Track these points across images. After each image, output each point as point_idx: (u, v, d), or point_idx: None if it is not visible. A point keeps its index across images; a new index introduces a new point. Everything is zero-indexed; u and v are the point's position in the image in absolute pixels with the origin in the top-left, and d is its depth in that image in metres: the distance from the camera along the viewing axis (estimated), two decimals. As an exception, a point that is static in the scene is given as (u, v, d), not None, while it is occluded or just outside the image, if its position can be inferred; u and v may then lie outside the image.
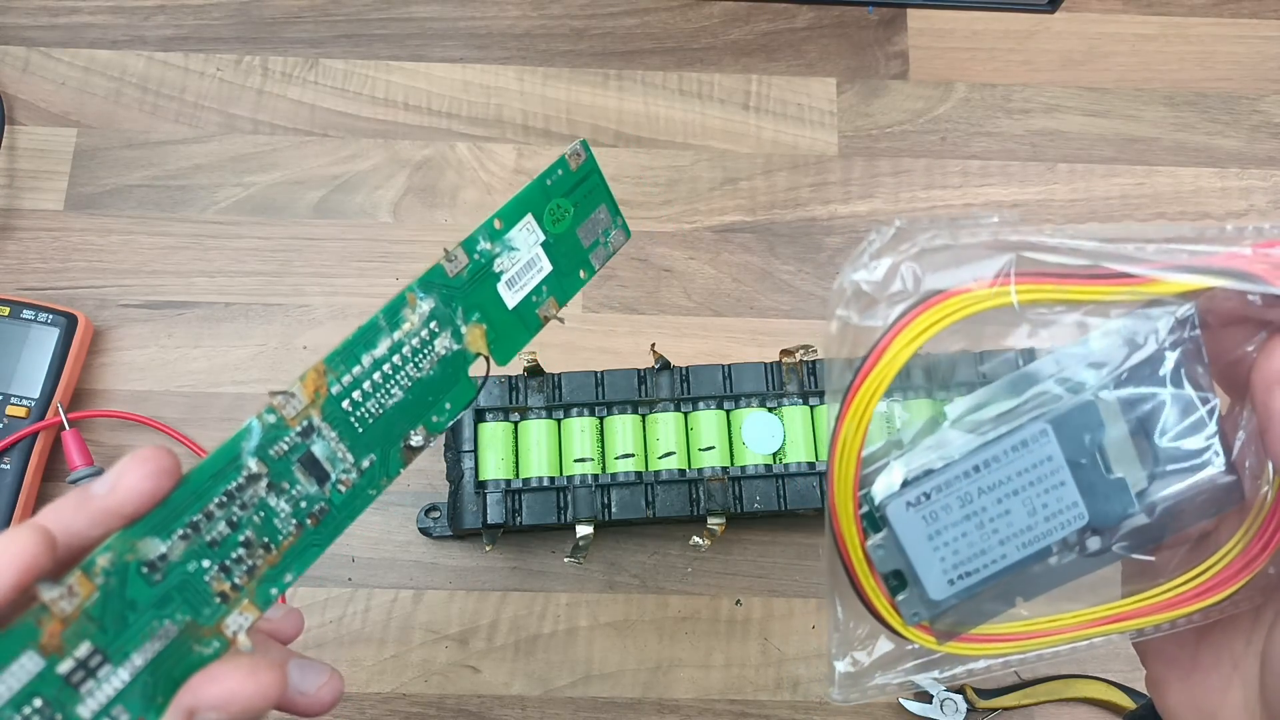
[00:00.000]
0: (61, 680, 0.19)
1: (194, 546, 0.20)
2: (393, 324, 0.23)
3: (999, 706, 0.45)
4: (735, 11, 0.56)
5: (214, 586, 0.21)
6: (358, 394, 0.23)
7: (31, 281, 0.50)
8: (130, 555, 0.20)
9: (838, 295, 0.22)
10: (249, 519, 0.21)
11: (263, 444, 0.21)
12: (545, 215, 0.27)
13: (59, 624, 0.19)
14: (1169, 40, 0.56)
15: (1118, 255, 0.21)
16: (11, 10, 0.54)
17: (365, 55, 0.54)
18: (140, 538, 0.20)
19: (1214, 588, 0.22)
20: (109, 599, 0.19)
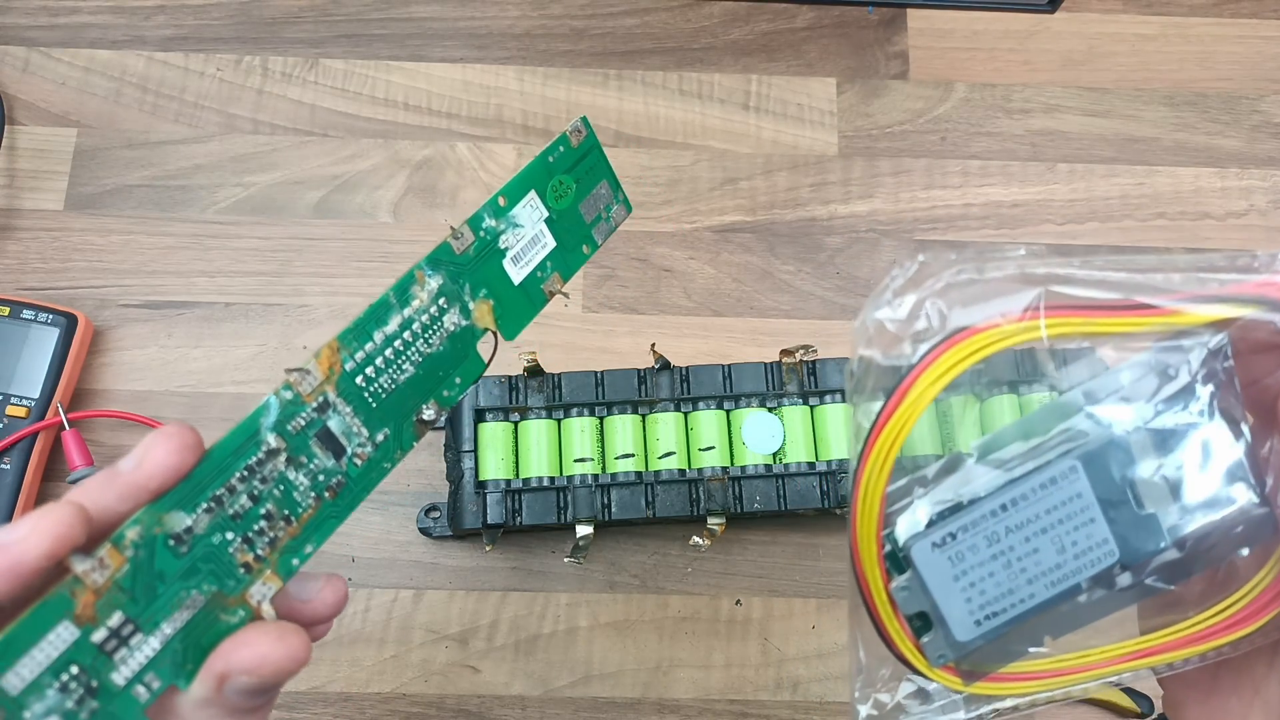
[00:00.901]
0: (96, 648, 0.20)
1: (218, 519, 0.21)
2: (403, 301, 0.24)
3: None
4: (735, 11, 0.56)
5: (238, 558, 0.21)
6: (371, 370, 0.23)
7: (31, 281, 0.50)
8: (158, 528, 0.20)
9: (861, 333, 0.22)
10: (269, 492, 0.22)
11: (281, 419, 0.22)
12: (548, 192, 0.28)
13: (92, 595, 0.19)
14: (1169, 40, 0.56)
15: (1146, 286, 0.21)
16: (11, 10, 0.54)
17: (365, 55, 0.54)
18: (167, 511, 0.20)
19: (1243, 620, 0.22)
20: (138, 571, 0.20)
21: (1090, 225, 0.53)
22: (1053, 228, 0.53)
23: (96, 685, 0.20)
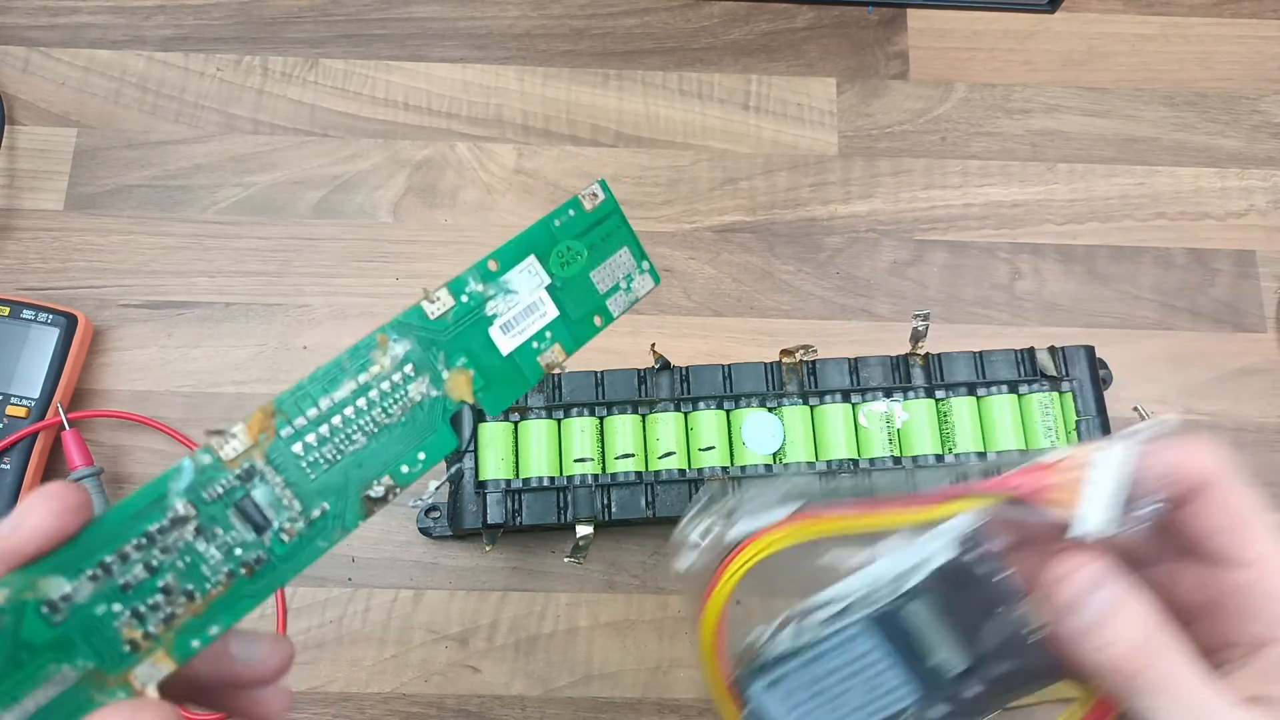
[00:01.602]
0: None
1: (104, 589, 0.19)
2: (359, 366, 0.22)
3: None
4: (735, 11, 0.56)
5: (124, 633, 0.19)
6: (312, 438, 0.21)
7: (31, 281, 0.50)
8: (30, 593, 0.18)
9: (676, 545, 0.27)
10: (171, 564, 0.20)
11: (194, 485, 0.20)
12: (552, 257, 0.26)
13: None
14: (1169, 40, 0.56)
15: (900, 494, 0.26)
16: (11, 10, 0.54)
17: (365, 55, 0.54)
18: (43, 575, 0.19)
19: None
20: (2, 637, 0.18)
21: (1090, 225, 0.53)
22: (1053, 228, 0.53)
23: None
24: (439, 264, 0.51)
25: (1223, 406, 0.50)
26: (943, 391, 0.46)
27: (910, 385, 0.45)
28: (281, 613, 0.46)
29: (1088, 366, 0.46)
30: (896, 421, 0.45)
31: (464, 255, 0.51)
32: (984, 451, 0.45)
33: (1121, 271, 0.52)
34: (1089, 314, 0.51)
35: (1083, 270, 0.52)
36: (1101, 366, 0.47)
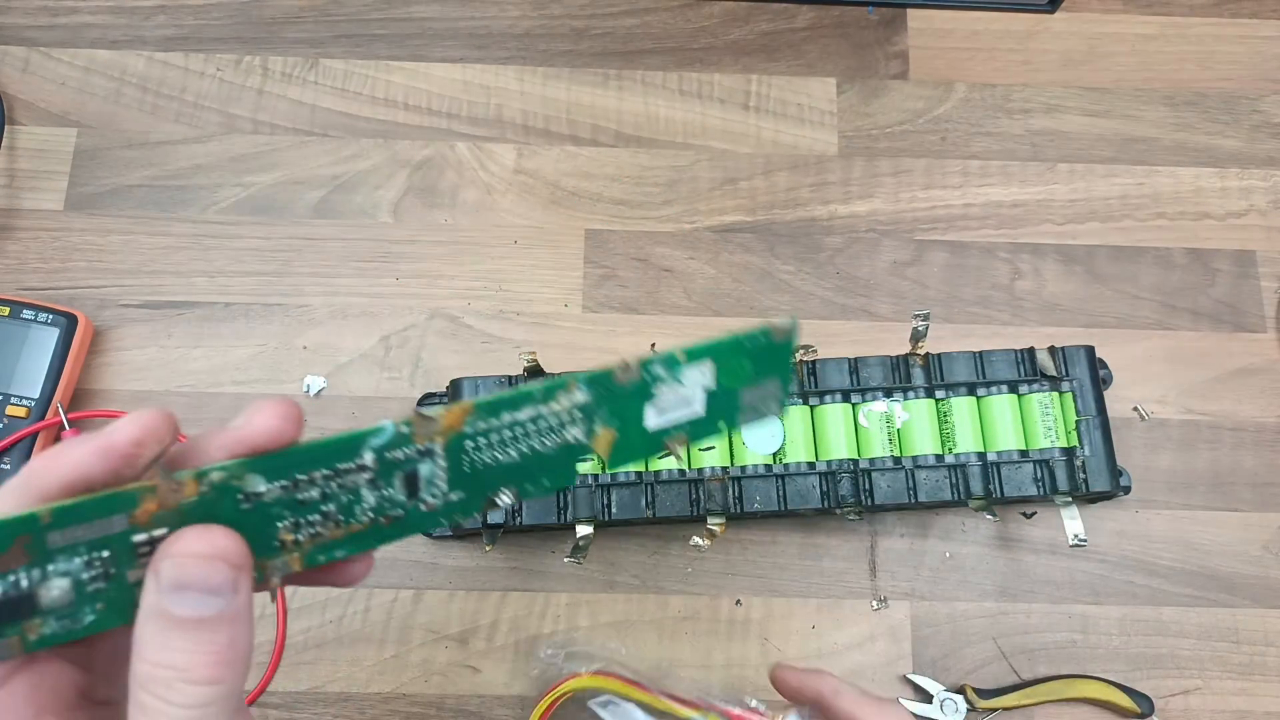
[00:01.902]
0: (132, 547, 0.21)
1: (285, 498, 0.23)
2: (545, 399, 0.25)
3: (999, 706, 0.45)
4: (735, 11, 0.56)
5: (281, 535, 0.23)
6: (482, 440, 0.24)
7: (31, 281, 0.50)
8: (236, 481, 0.22)
9: (534, 652, 0.46)
10: (338, 496, 0.23)
11: (385, 446, 0.23)
12: (724, 369, 0.28)
13: (154, 505, 0.21)
14: (1169, 40, 0.56)
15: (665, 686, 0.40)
16: (11, 10, 0.54)
17: (365, 55, 0.54)
18: (251, 472, 0.22)
19: None
20: (203, 506, 0.22)
21: (1090, 225, 0.53)
22: (1053, 228, 0.53)
23: (113, 574, 0.21)
24: (439, 264, 0.51)
25: (1223, 406, 0.50)
26: (943, 391, 0.46)
27: (910, 385, 0.45)
28: (281, 612, 0.46)
29: (1088, 366, 0.46)
30: (896, 421, 0.45)
31: (464, 255, 0.51)
32: (984, 451, 0.45)
33: (1121, 271, 0.52)
34: (1089, 314, 0.51)
35: (1083, 270, 0.52)
36: (1101, 366, 0.47)
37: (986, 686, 0.46)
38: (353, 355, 0.50)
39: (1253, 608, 0.47)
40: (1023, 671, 0.46)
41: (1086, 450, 0.45)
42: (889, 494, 0.44)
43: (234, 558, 0.21)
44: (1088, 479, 0.44)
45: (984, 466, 0.45)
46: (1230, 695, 0.46)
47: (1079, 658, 0.46)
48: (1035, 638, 0.47)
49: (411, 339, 0.50)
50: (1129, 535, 0.48)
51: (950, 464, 0.44)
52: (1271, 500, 0.49)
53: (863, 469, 0.44)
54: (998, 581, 0.47)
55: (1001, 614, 0.47)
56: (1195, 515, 0.48)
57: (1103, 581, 0.47)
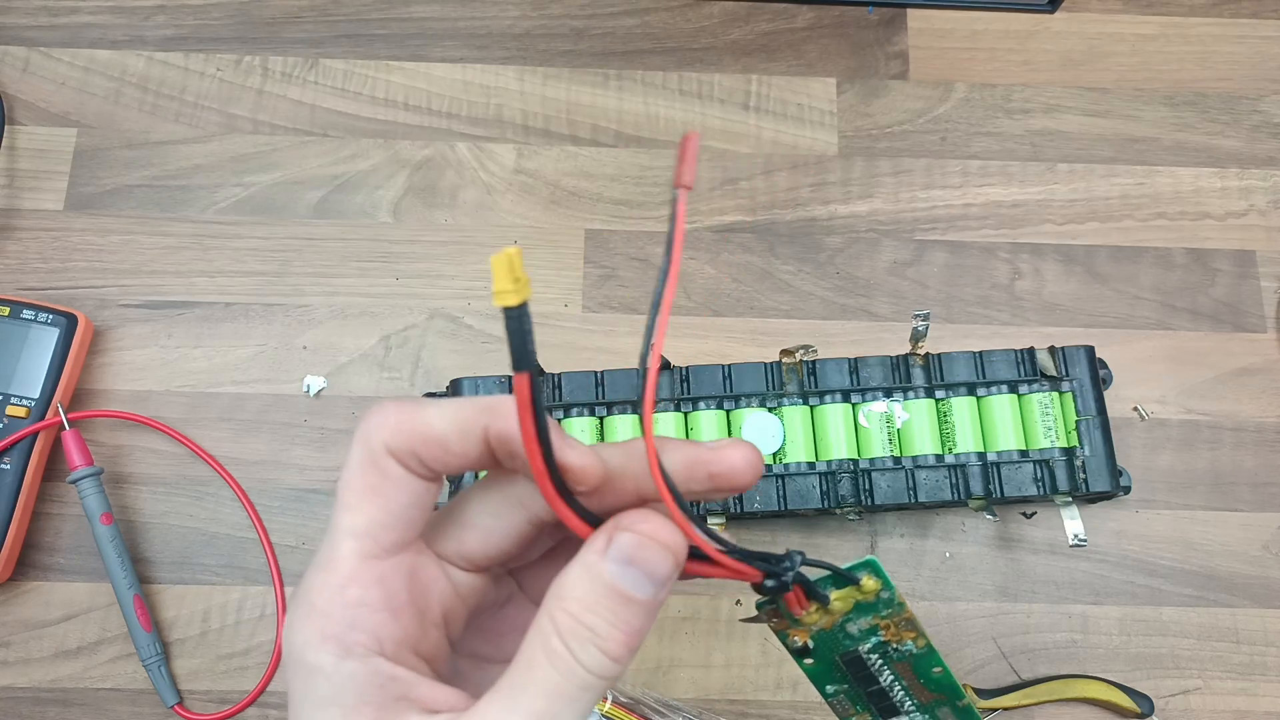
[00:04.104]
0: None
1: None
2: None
3: (999, 706, 0.45)
4: (735, 11, 0.56)
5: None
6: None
7: (31, 281, 0.50)
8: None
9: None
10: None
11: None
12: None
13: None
14: (1169, 40, 0.56)
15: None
16: (11, 10, 0.54)
17: (365, 55, 0.54)
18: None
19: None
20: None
21: (1090, 225, 0.53)
22: (1053, 228, 0.53)
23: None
24: (439, 264, 0.51)
25: (1223, 406, 0.50)
26: (943, 391, 0.46)
27: (910, 385, 0.45)
28: (281, 613, 0.46)
29: (1088, 366, 0.46)
30: (896, 421, 0.45)
31: (464, 255, 0.51)
32: (984, 451, 0.45)
33: (1121, 271, 0.52)
34: (1089, 314, 0.51)
35: (1083, 270, 0.52)
36: (1101, 366, 0.47)
37: (986, 686, 0.46)
38: (353, 355, 0.50)
39: (1253, 608, 0.47)
40: (1023, 671, 0.46)
41: (1086, 450, 0.45)
42: (889, 494, 0.44)
43: (681, 555, 0.21)
44: (1088, 479, 0.44)
45: (984, 466, 0.45)
46: (1230, 695, 0.46)
47: (1079, 658, 0.46)
48: (1035, 638, 0.47)
49: (411, 339, 0.50)
50: (1129, 535, 0.48)
51: (950, 464, 0.44)
52: (1271, 500, 0.49)
53: (863, 469, 0.44)
54: (998, 581, 0.47)
55: (1001, 614, 0.47)
56: (1195, 515, 0.48)
57: (1103, 581, 0.47)
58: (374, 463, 0.21)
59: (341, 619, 0.20)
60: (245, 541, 0.47)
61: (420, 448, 0.21)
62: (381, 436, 0.21)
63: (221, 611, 0.46)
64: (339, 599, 0.21)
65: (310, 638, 0.20)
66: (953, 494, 0.44)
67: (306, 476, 0.48)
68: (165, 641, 0.46)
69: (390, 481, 0.21)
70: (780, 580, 0.22)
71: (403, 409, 0.21)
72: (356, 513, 0.21)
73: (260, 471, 0.48)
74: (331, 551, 0.21)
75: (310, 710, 0.21)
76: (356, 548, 0.21)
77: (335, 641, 0.20)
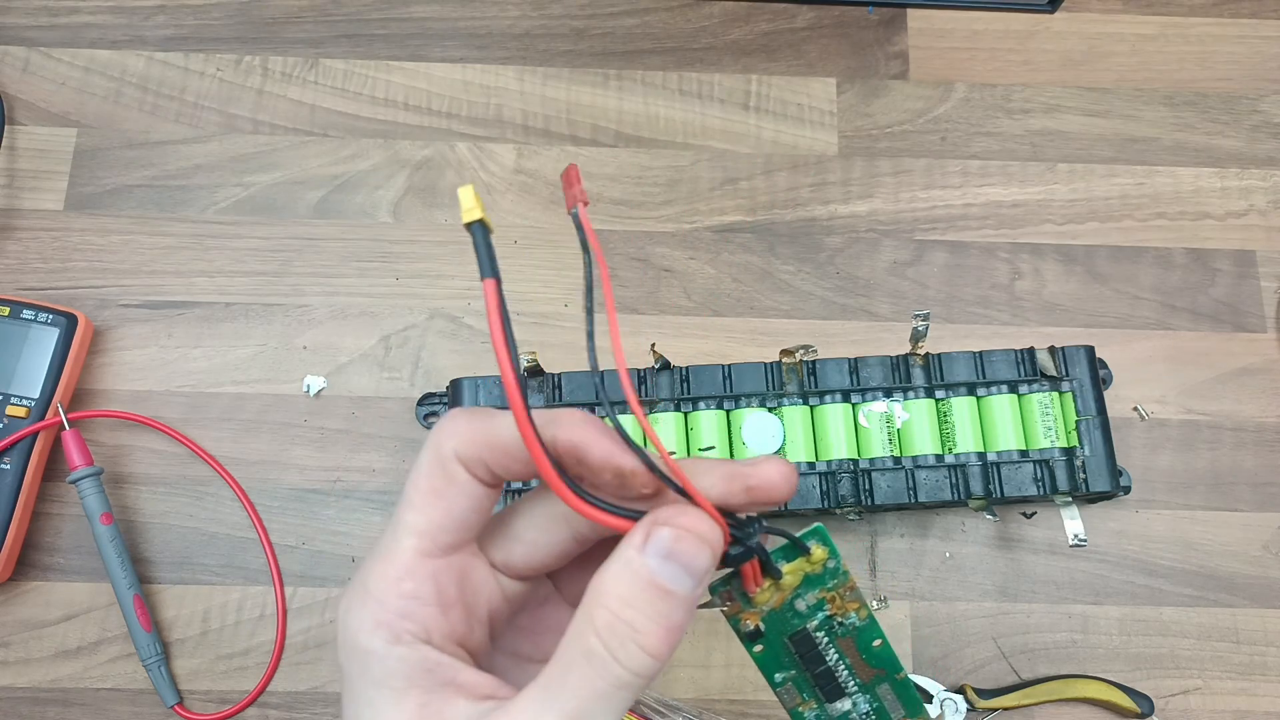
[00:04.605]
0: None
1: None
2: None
3: (999, 706, 0.45)
4: (735, 11, 0.56)
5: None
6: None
7: (31, 281, 0.50)
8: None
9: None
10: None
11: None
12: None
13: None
14: (1169, 40, 0.56)
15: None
16: (11, 10, 0.54)
17: (365, 55, 0.54)
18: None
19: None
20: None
21: (1090, 225, 0.53)
22: (1053, 228, 0.53)
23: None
24: (439, 264, 0.51)
25: (1223, 406, 0.50)
26: (943, 391, 0.46)
27: (910, 385, 0.45)
28: (281, 613, 0.46)
29: (1088, 366, 0.46)
30: (896, 421, 0.45)
31: (464, 255, 0.51)
32: (984, 451, 0.45)
33: (1121, 271, 0.52)
34: (1089, 314, 0.51)
35: (1083, 270, 0.52)
36: (1101, 366, 0.47)
37: (986, 686, 0.46)
38: (353, 355, 0.50)
39: (1253, 608, 0.47)
40: (1023, 671, 0.46)
41: (1086, 450, 0.45)
42: (889, 494, 0.44)
43: (719, 548, 0.21)
44: (1088, 479, 0.44)
45: (984, 466, 0.45)
46: (1230, 695, 0.46)
47: (1079, 658, 0.46)
48: (1035, 638, 0.47)
49: (411, 339, 0.50)
50: (1129, 535, 0.48)
51: (950, 464, 0.44)
52: (1271, 500, 0.49)
53: (863, 469, 0.44)
54: (998, 581, 0.47)
55: (1001, 614, 0.47)
56: (1195, 515, 0.48)
57: (1103, 581, 0.47)
58: (442, 467, 0.23)
59: (395, 608, 0.22)
60: (245, 541, 0.47)
61: (488, 455, 0.23)
62: (452, 443, 0.22)
63: (221, 611, 0.46)
64: (394, 589, 0.22)
65: (364, 623, 0.22)
66: (953, 494, 0.44)
67: (306, 476, 0.48)
68: (165, 641, 0.46)
69: (455, 486, 0.23)
70: (746, 546, 0.22)
71: (474, 417, 0.23)
72: (420, 512, 0.22)
73: (260, 471, 0.48)
74: (393, 544, 0.22)
75: (365, 689, 0.22)
76: (416, 545, 0.22)
77: (387, 628, 0.22)
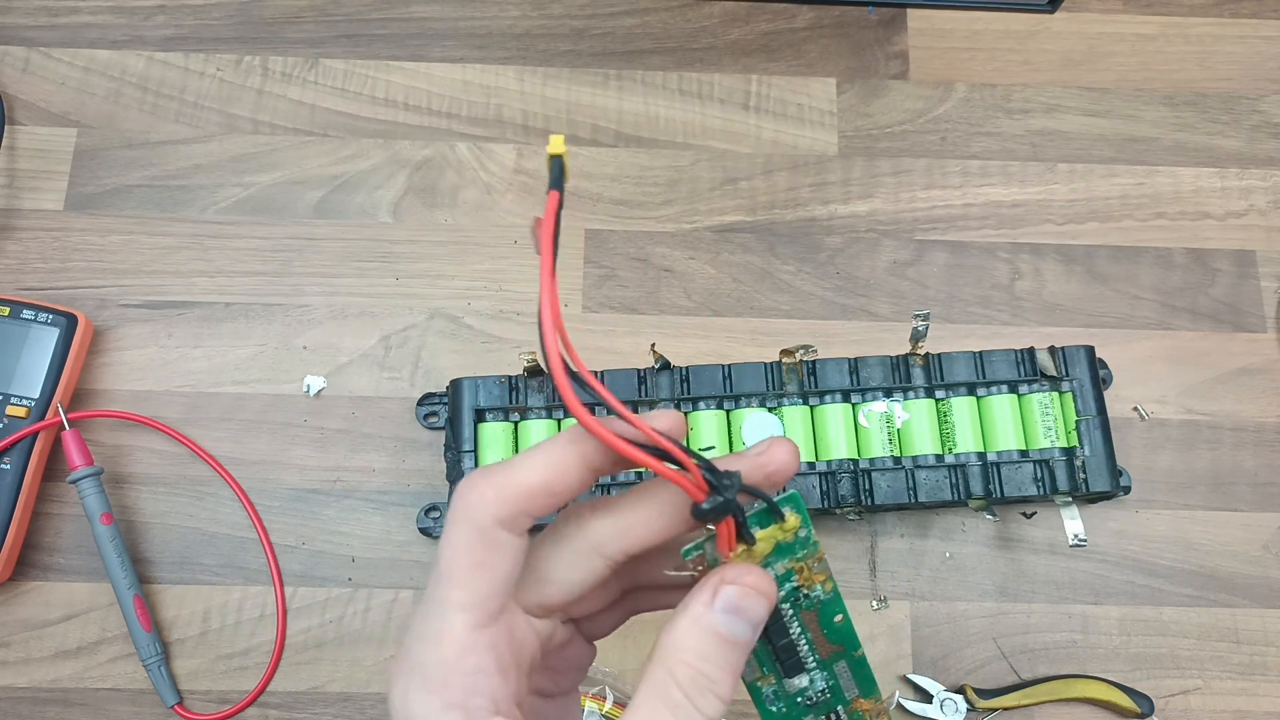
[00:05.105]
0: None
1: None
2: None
3: (999, 706, 0.45)
4: (735, 11, 0.56)
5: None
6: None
7: (31, 281, 0.50)
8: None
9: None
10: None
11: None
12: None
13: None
14: (1169, 40, 0.56)
15: None
16: (11, 10, 0.54)
17: (365, 55, 0.54)
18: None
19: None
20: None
21: (1090, 225, 0.53)
22: (1053, 228, 0.53)
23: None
24: (439, 264, 0.51)
25: (1223, 406, 0.50)
26: (943, 391, 0.46)
27: (910, 385, 0.45)
28: (281, 613, 0.46)
29: (1088, 366, 0.46)
30: (896, 421, 0.45)
31: (464, 255, 0.51)
32: (984, 451, 0.45)
33: (1121, 271, 0.52)
34: (1089, 314, 0.51)
35: (1083, 270, 0.52)
36: (1101, 366, 0.47)
37: (986, 686, 0.46)
38: (353, 355, 0.50)
39: (1253, 608, 0.47)
40: (1023, 671, 0.46)
41: (1086, 450, 0.45)
42: (889, 494, 0.44)
43: (774, 599, 0.24)
44: (1088, 479, 0.44)
45: (984, 466, 0.45)
46: (1230, 695, 0.46)
47: (1079, 658, 0.46)
48: (1035, 638, 0.47)
49: (411, 339, 0.50)
50: (1129, 535, 0.48)
51: (950, 464, 0.44)
52: (1271, 500, 0.49)
53: (863, 469, 0.44)
54: (998, 581, 0.47)
55: (1001, 614, 0.47)
56: (1195, 515, 0.48)
57: (1103, 581, 0.47)
58: (482, 537, 0.22)
59: (461, 687, 0.22)
60: (245, 541, 0.47)
61: (527, 505, 0.23)
62: (488, 511, 0.22)
63: (221, 611, 0.46)
64: (457, 669, 0.22)
65: (432, 709, 0.22)
66: (953, 494, 0.44)
67: (306, 476, 0.48)
68: (165, 641, 0.46)
69: (498, 553, 0.23)
70: (725, 499, 0.22)
71: (494, 478, 0.23)
72: (465, 588, 0.22)
73: (260, 471, 0.48)
74: (442, 624, 0.22)
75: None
76: (468, 620, 0.22)
77: (459, 709, 0.22)
